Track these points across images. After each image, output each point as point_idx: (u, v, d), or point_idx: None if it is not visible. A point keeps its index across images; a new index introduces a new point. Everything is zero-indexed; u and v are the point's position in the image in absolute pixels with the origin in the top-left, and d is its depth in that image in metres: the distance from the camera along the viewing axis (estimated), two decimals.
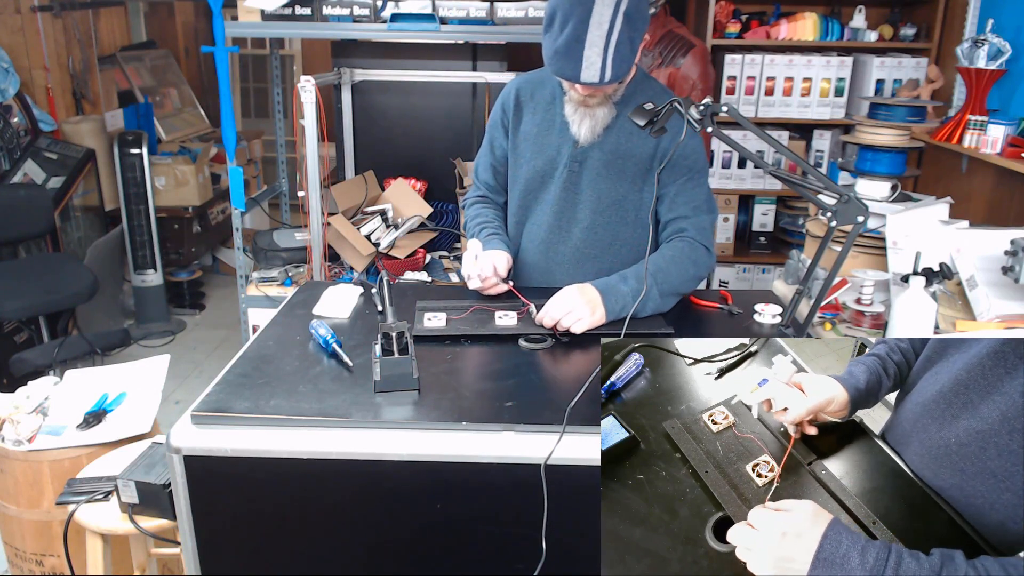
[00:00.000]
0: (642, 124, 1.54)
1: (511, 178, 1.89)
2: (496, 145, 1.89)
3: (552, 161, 1.78)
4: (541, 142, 1.79)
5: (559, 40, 1.55)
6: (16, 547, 2.14)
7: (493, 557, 1.25)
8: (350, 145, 3.48)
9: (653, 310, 1.64)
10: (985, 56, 2.75)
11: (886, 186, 2.23)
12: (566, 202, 1.79)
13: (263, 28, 2.99)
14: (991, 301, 1.74)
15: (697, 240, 1.71)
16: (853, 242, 1.49)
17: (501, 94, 1.87)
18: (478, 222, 1.89)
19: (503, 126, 1.86)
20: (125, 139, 4.14)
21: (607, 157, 1.74)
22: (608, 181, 1.75)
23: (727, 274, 3.83)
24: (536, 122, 1.80)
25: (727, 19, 3.55)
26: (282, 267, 3.08)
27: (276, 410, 1.26)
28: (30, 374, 3.19)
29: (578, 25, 1.52)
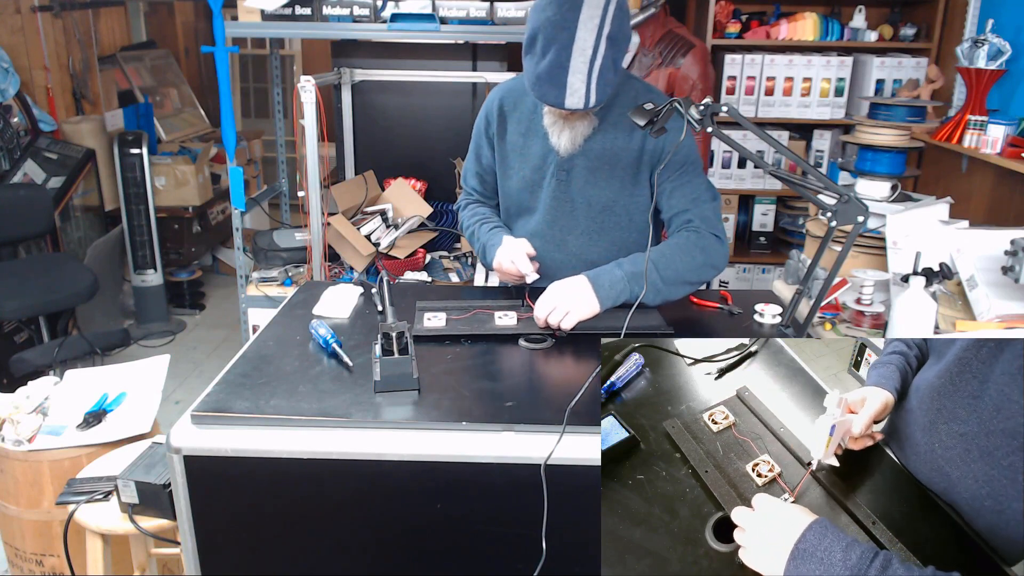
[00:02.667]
0: (642, 124, 1.54)
1: (501, 189, 1.88)
2: (482, 155, 1.88)
3: (539, 170, 1.78)
4: (527, 152, 1.78)
5: (541, 65, 1.53)
6: (16, 547, 2.14)
7: (493, 557, 1.25)
8: (350, 145, 3.48)
9: (659, 299, 1.60)
10: (985, 56, 2.75)
11: (886, 186, 2.23)
12: (558, 210, 1.78)
13: (263, 28, 3.00)
14: (991, 301, 1.74)
15: (704, 229, 1.67)
16: (853, 242, 1.49)
17: (484, 104, 1.85)
18: (476, 218, 1.89)
19: (487, 137, 1.85)
20: (125, 139, 4.14)
21: (593, 163, 1.73)
22: (597, 186, 1.74)
23: (727, 274, 3.83)
24: (521, 132, 1.78)
25: (727, 19, 3.55)
26: (282, 267, 3.08)
27: (276, 410, 1.26)
28: (30, 374, 3.19)
29: (560, 51, 1.51)
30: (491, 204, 1.96)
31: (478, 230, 1.86)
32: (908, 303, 1.69)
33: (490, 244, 1.80)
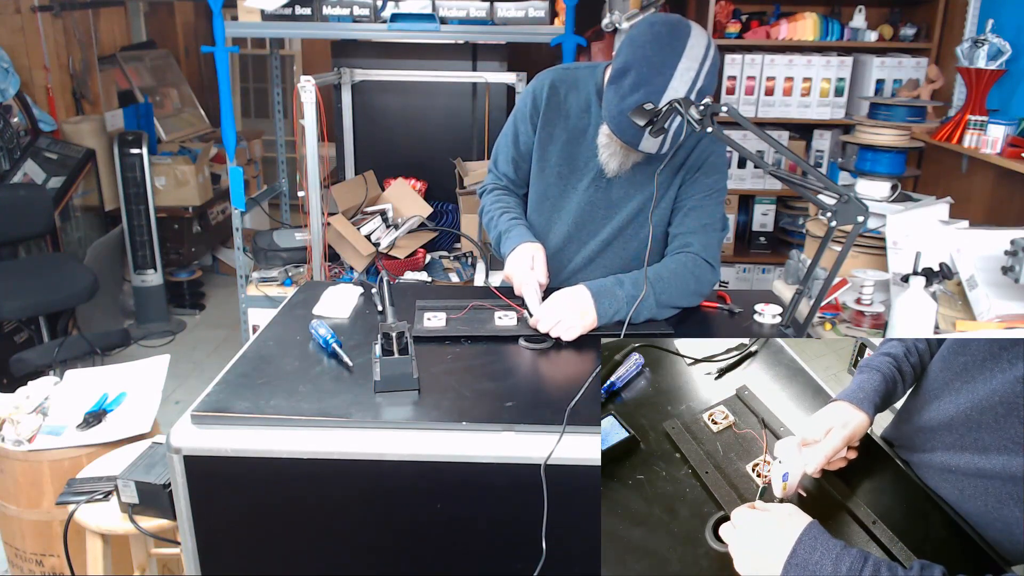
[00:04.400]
0: (642, 124, 1.53)
1: (533, 175, 1.82)
2: (522, 139, 1.80)
3: (579, 173, 1.74)
4: (571, 150, 1.74)
5: (628, 101, 1.50)
6: (16, 547, 2.14)
7: (493, 557, 1.25)
8: (350, 145, 3.49)
9: (648, 317, 1.60)
10: (985, 56, 2.75)
11: (886, 186, 2.23)
12: (588, 215, 1.75)
13: (263, 28, 3.00)
14: (991, 301, 1.74)
15: (701, 256, 1.67)
16: (853, 242, 1.49)
17: (532, 84, 1.77)
18: (499, 207, 1.82)
19: (532, 120, 1.76)
20: (125, 139, 4.15)
21: (637, 177, 1.70)
22: (632, 199, 1.73)
23: (727, 274, 3.83)
24: (568, 128, 1.73)
25: (727, 19, 3.55)
26: (282, 267, 3.08)
27: (276, 410, 1.26)
28: (30, 374, 3.19)
29: (651, 94, 1.47)
30: (519, 194, 1.89)
31: (498, 219, 1.80)
32: (908, 303, 1.69)
33: (507, 237, 1.75)
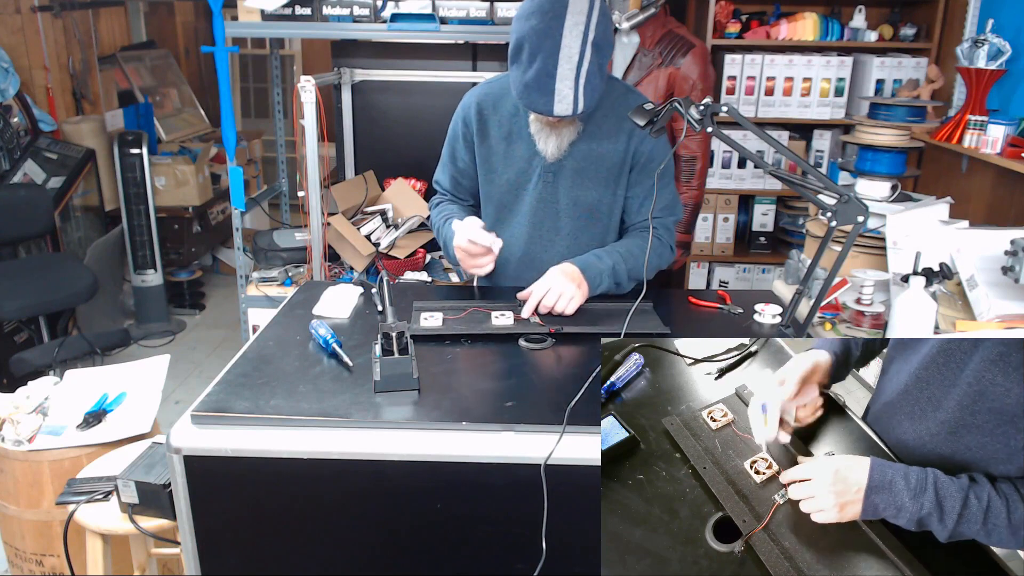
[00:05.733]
0: (642, 124, 1.54)
1: (483, 192, 1.86)
2: (458, 157, 1.86)
3: (524, 172, 1.78)
4: (511, 154, 1.78)
5: (528, 74, 1.55)
6: (16, 547, 2.14)
7: (493, 557, 1.26)
8: (350, 145, 3.48)
9: (622, 290, 1.74)
10: (985, 56, 2.75)
11: (886, 186, 2.23)
12: (543, 212, 1.79)
13: (263, 28, 2.99)
14: (991, 301, 1.74)
15: (664, 239, 1.80)
16: (853, 242, 1.49)
17: (459, 107, 1.84)
18: (442, 216, 1.86)
19: (466, 141, 1.82)
20: (125, 139, 4.14)
21: (579, 164, 1.74)
22: (583, 188, 1.76)
23: (727, 274, 3.83)
24: (503, 135, 1.78)
25: (727, 19, 3.55)
26: (282, 267, 3.08)
27: (276, 410, 1.26)
28: (30, 374, 3.19)
29: (547, 59, 1.52)
30: (464, 204, 1.93)
31: (442, 226, 1.83)
32: (908, 303, 1.69)
33: (448, 237, 1.78)
